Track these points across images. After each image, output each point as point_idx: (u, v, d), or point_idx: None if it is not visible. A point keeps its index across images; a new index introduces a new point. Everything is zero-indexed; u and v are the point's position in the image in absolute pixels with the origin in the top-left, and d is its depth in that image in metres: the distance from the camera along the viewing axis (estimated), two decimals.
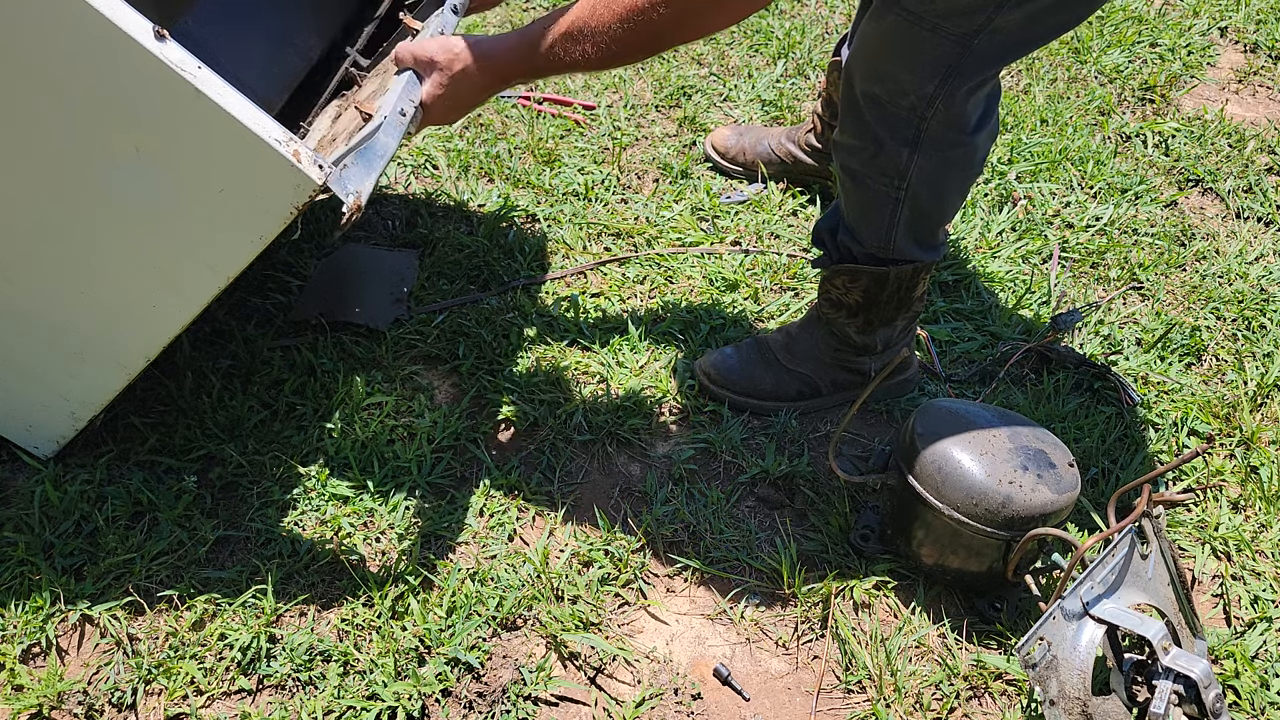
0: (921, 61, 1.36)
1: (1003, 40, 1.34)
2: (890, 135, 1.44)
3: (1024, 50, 1.39)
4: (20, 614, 1.41)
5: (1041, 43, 1.39)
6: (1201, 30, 2.89)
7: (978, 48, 1.34)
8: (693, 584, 1.53)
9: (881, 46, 1.39)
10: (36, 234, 1.32)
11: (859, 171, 1.52)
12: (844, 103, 1.49)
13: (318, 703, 1.34)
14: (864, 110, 1.45)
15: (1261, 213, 2.28)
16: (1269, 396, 1.84)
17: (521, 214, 2.15)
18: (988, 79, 1.40)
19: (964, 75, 1.37)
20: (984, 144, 1.50)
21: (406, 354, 1.83)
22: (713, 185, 2.25)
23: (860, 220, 1.58)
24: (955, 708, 1.41)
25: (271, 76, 1.44)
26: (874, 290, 1.62)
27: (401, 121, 1.30)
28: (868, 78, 1.43)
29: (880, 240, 1.56)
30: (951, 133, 1.43)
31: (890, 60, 1.39)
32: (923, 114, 1.40)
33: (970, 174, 1.53)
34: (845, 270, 1.62)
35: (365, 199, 1.21)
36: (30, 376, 1.46)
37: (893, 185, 1.49)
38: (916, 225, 1.54)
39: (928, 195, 1.50)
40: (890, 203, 1.51)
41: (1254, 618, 1.52)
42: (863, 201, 1.55)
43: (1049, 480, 1.40)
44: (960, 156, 1.48)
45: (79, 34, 1.13)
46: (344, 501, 1.58)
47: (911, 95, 1.39)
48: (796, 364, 1.75)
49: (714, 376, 1.77)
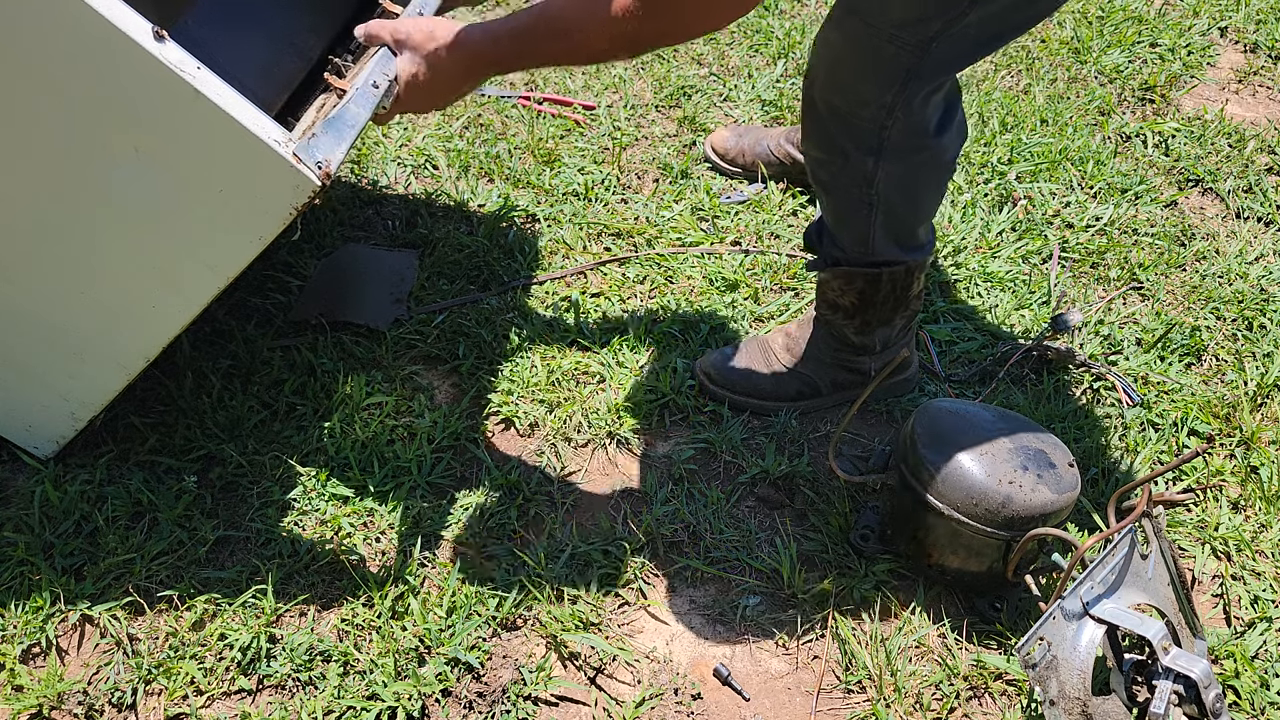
0: (880, 71, 1.36)
1: (960, 44, 1.34)
2: (854, 146, 1.44)
3: (985, 51, 1.39)
4: (20, 614, 1.41)
5: (1003, 42, 1.39)
6: (1201, 30, 2.89)
7: (935, 53, 1.34)
8: (693, 584, 1.53)
9: (841, 56, 1.39)
10: (36, 234, 1.32)
11: (829, 182, 1.53)
12: (806, 114, 1.49)
13: (318, 703, 1.34)
14: (826, 121, 1.45)
15: (1261, 213, 2.28)
16: (1269, 396, 1.84)
17: (521, 214, 2.15)
18: (944, 82, 1.41)
19: (922, 80, 1.37)
20: (952, 143, 1.50)
21: (406, 354, 1.83)
22: (713, 185, 2.25)
23: (839, 227, 1.59)
24: (955, 708, 1.41)
25: (270, 77, 1.44)
26: (869, 292, 1.62)
27: (373, 93, 1.28)
28: (828, 88, 1.43)
29: (860, 246, 1.57)
30: (914, 138, 1.44)
31: (849, 70, 1.39)
32: (883, 123, 1.40)
33: (942, 174, 1.53)
34: (840, 273, 1.63)
35: (335, 168, 1.19)
36: (30, 376, 1.46)
37: (863, 193, 1.49)
38: (894, 228, 1.55)
39: (900, 200, 1.51)
40: (864, 208, 1.52)
41: (1254, 618, 1.52)
42: (837, 209, 1.56)
43: (1049, 480, 1.40)
44: (927, 159, 1.48)
45: (79, 34, 1.13)
46: (344, 501, 1.58)
47: (872, 105, 1.39)
48: (796, 364, 1.75)
49: (714, 376, 1.77)
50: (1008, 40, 1.40)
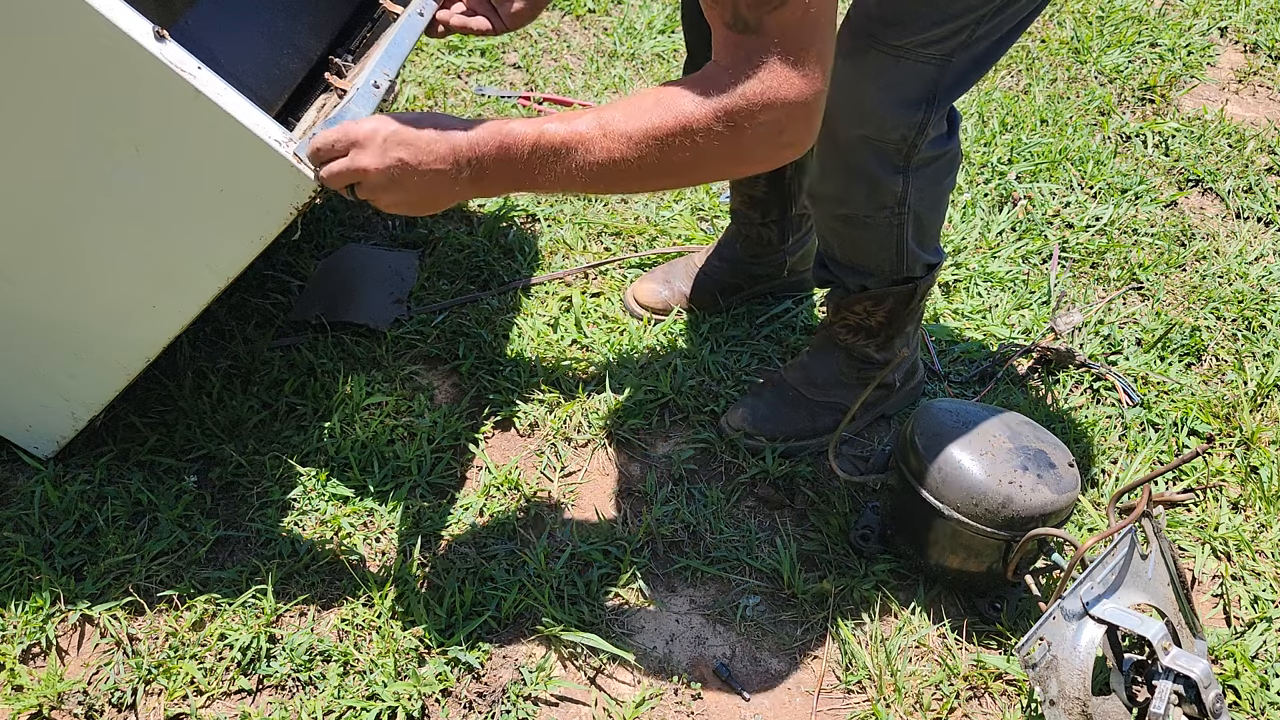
0: (907, 92, 1.36)
1: (977, 52, 1.35)
2: (882, 169, 1.43)
3: (999, 54, 1.39)
4: (20, 614, 1.41)
5: (1012, 41, 1.39)
6: (1201, 30, 2.89)
7: (956, 65, 1.34)
8: (693, 584, 1.53)
9: (859, 86, 1.36)
10: (37, 234, 1.32)
11: (854, 215, 1.49)
12: (824, 152, 1.45)
13: (318, 703, 1.34)
14: (852, 155, 1.42)
15: (1261, 213, 2.28)
16: (1269, 396, 1.84)
17: (521, 214, 2.15)
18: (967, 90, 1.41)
19: (948, 92, 1.37)
20: (958, 141, 1.50)
21: (406, 354, 1.83)
22: (712, 185, 2.25)
23: (863, 257, 1.55)
24: (955, 708, 1.41)
25: (270, 77, 1.44)
26: (898, 309, 1.60)
27: (374, 93, 1.27)
28: (851, 121, 1.39)
29: (892, 267, 1.55)
30: (936, 147, 1.44)
31: (873, 99, 1.37)
32: (914, 141, 1.40)
33: (955, 173, 1.53)
34: (868, 296, 1.59)
35: None
36: (30, 376, 1.46)
37: (894, 214, 1.48)
38: (922, 238, 1.54)
39: (927, 208, 1.50)
40: (895, 229, 1.50)
41: (1254, 618, 1.52)
42: (864, 241, 1.53)
43: (1049, 480, 1.40)
44: (946, 163, 1.49)
45: (79, 34, 1.13)
46: (344, 501, 1.58)
47: (902, 127, 1.38)
48: (822, 394, 1.70)
49: (748, 431, 1.69)
50: (1016, 37, 1.39)
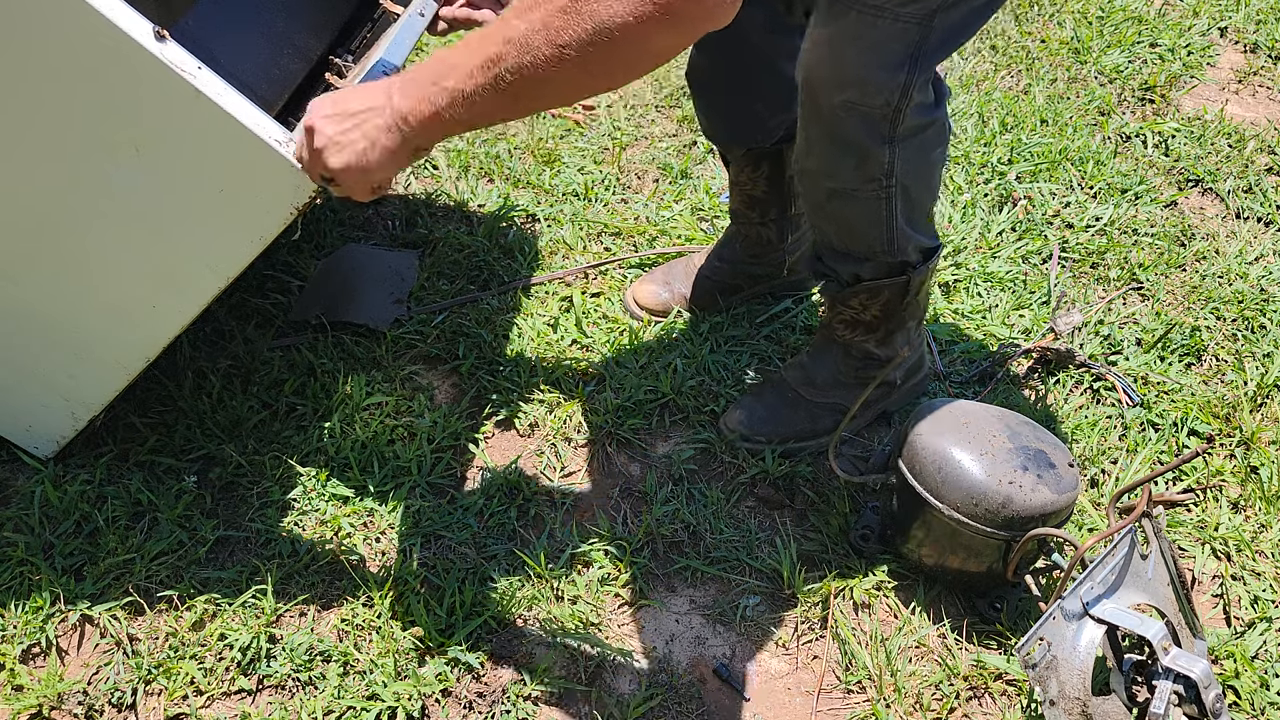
0: (889, 54, 1.33)
1: (959, 11, 1.32)
2: (869, 138, 1.40)
3: (981, 20, 1.37)
4: (20, 614, 1.41)
5: (994, 8, 1.37)
6: (1201, 30, 2.89)
7: (939, 25, 1.32)
8: (693, 584, 1.53)
9: (841, 50, 1.34)
10: (37, 234, 1.32)
11: (841, 189, 1.47)
12: (809, 123, 1.43)
13: (318, 703, 1.34)
14: (838, 122, 1.40)
15: (1261, 213, 2.28)
16: (1269, 396, 1.84)
17: (521, 214, 2.15)
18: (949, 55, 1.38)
19: (930, 56, 1.35)
20: (946, 112, 1.48)
21: (406, 354, 1.83)
22: (712, 185, 2.25)
23: (854, 239, 1.53)
24: (955, 708, 1.41)
25: (270, 77, 1.44)
26: (894, 301, 1.58)
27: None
28: (834, 87, 1.37)
29: (884, 245, 1.52)
30: (922, 115, 1.41)
31: (855, 63, 1.35)
32: (898, 106, 1.37)
33: (946, 144, 1.51)
34: (862, 288, 1.57)
35: None
36: (30, 376, 1.46)
37: (881, 187, 1.45)
38: (912, 214, 1.51)
39: (915, 181, 1.47)
40: (882, 204, 1.47)
41: (1254, 618, 1.52)
42: (852, 218, 1.51)
43: (1049, 480, 1.40)
44: (934, 134, 1.46)
45: (79, 34, 1.13)
46: (344, 501, 1.58)
47: (885, 90, 1.36)
48: (822, 394, 1.69)
49: (746, 433, 1.69)
50: (999, 6, 1.38)
